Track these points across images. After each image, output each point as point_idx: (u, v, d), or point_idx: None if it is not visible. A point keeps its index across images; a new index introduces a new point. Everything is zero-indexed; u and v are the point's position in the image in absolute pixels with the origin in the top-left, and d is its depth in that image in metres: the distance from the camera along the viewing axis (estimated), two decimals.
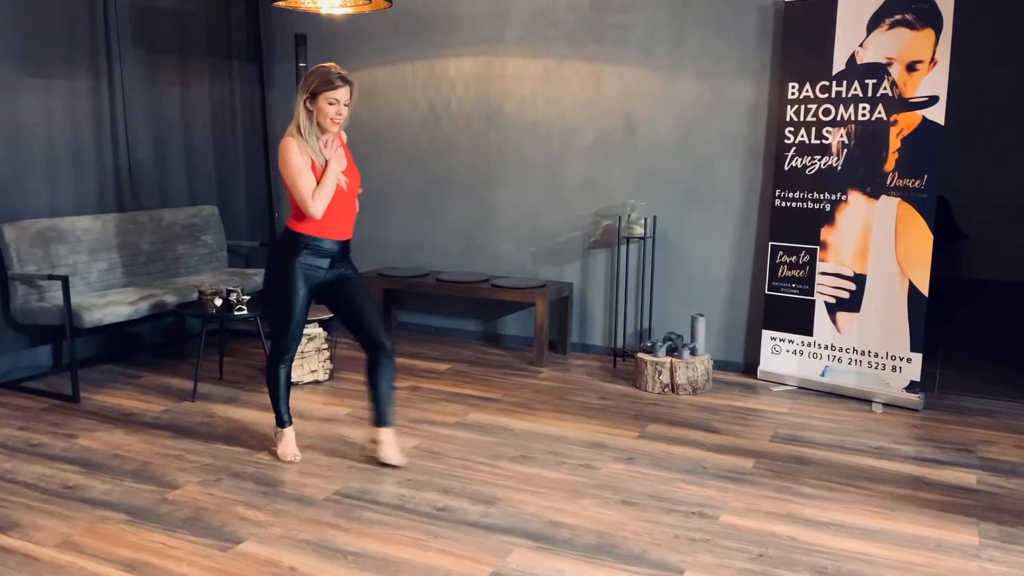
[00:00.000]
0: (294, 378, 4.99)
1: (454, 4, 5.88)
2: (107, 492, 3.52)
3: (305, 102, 3.49)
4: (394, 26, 6.11)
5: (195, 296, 5.09)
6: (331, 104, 3.47)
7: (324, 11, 5.03)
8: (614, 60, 5.44)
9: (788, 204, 4.95)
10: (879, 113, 4.60)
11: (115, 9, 5.47)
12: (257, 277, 5.84)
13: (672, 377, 4.84)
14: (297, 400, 4.73)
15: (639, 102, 5.40)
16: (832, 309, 4.84)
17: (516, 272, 5.86)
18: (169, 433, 4.22)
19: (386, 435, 3.81)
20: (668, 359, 4.87)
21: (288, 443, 3.90)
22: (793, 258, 4.96)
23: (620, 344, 5.55)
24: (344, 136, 3.78)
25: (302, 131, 3.52)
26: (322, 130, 3.54)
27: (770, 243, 5.04)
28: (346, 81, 3.48)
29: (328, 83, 3.45)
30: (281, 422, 3.90)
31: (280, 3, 4.65)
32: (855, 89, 4.66)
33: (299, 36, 5.88)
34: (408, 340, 6.13)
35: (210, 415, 4.49)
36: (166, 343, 5.94)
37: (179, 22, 5.95)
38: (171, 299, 5.11)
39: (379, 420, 3.80)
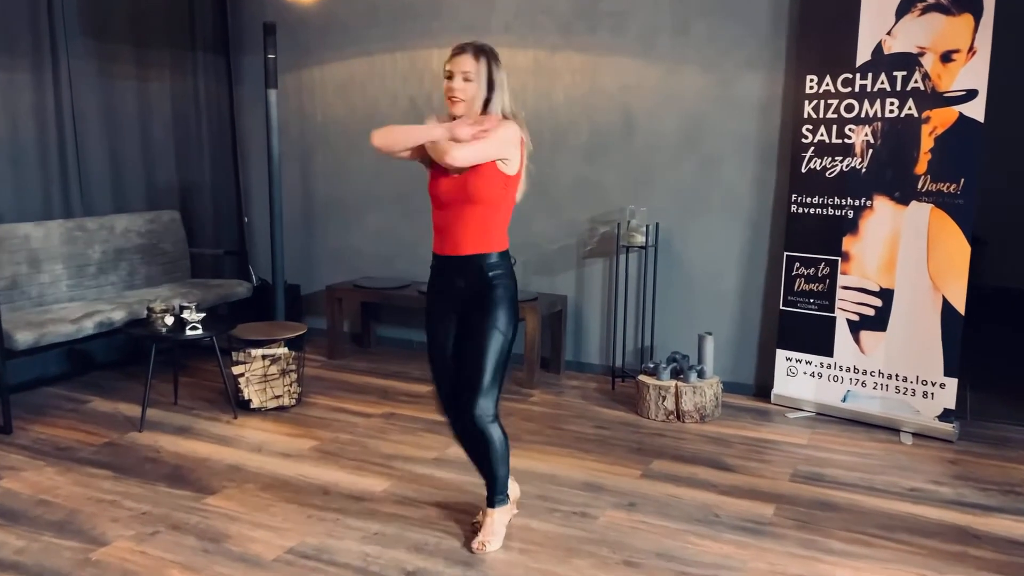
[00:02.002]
0: (255, 404, 4.49)
1: None
2: (21, 551, 3.00)
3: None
4: (371, 14, 5.60)
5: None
6: (446, 77, 2.87)
7: None
8: (611, 50, 4.94)
9: (805, 210, 4.46)
10: (909, 109, 4.10)
11: None
12: (220, 289, 5.32)
13: (677, 403, 4.34)
14: (257, 430, 4.23)
15: (638, 97, 4.90)
16: (855, 327, 4.35)
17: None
18: (107, 472, 3.70)
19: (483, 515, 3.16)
20: (673, 383, 4.37)
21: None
22: (811, 270, 4.46)
23: (619, 363, 5.05)
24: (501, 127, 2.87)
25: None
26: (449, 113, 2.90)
27: (785, 253, 4.54)
28: (462, 49, 2.85)
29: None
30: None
31: None
32: (882, 82, 4.16)
33: (268, 25, 5.38)
34: (388, 357, 5.62)
35: (157, 449, 3.97)
36: (122, 361, 5.42)
37: (135, 9, 5.42)
38: (119, 316, 4.59)
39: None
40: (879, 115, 4.19)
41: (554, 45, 5.09)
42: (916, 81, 4.07)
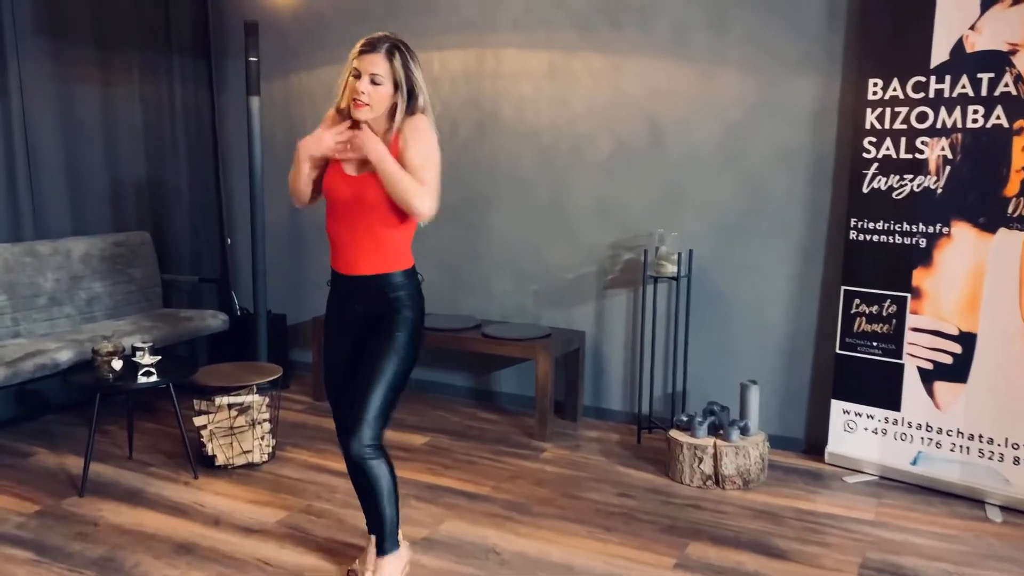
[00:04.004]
0: (220, 460, 3.84)
1: None
2: None
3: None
4: (363, 11, 4.97)
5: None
6: (353, 75, 2.55)
7: None
8: (637, 50, 4.28)
9: (868, 237, 3.78)
10: (997, 118, 3.42)
11: None
12: (191, 322, 4.69)
13: (716, 466, 3.66)
14: (218, 495, 3.58)
15: (668, 104, 4.24)
16: (928, 377, 3.66)
17: (514, 316, 4.68)
18: (27, 554, 3.06)
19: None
20: (711, 441, 3.69)
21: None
22: (874, 308, 3.78)
23: (645, 410, 4.36)
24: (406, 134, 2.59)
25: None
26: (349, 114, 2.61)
27: (843, 288, 3.86)
28: (372, 46, 2.51)
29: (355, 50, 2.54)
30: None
31: None
32: (963, 86, 3.48)
33: (249, 24, 4.78)
34: None
35: (95, 521, 3.33)
36: (82, 401, 4.77)
37: (98, 6, 4.81)
38: (66, 356, 3.97)
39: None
40: (959, 125, 3.51)
41: (571, 45, 4.43)
42: (1007, 85, 3.39)
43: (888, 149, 3.70)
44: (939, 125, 3.56)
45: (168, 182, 5.30)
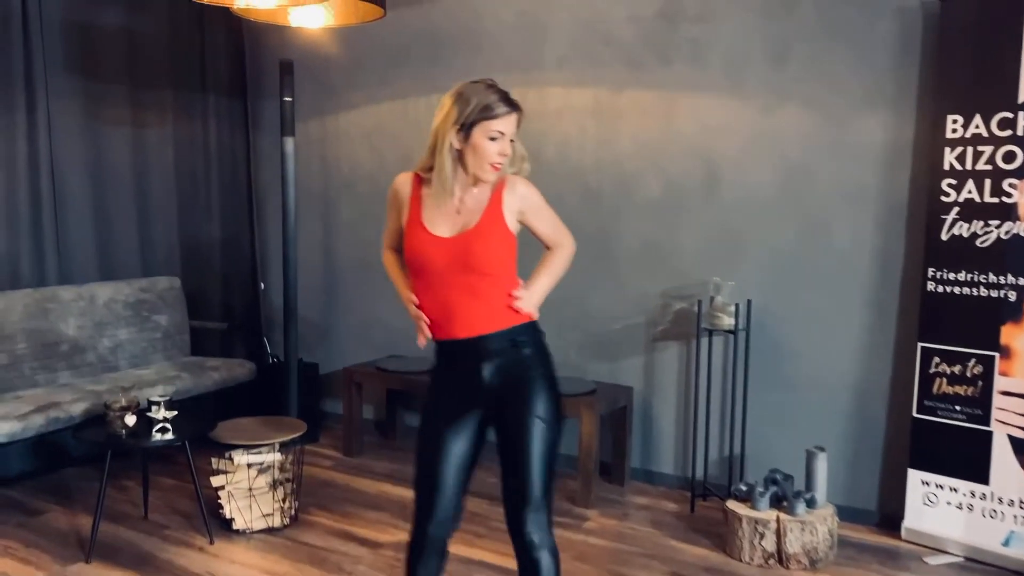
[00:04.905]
0: (238, 524, 3.57)
1: (477, 18, 4.53)
2: None
3: (455, 135, 2.24)
4: (403, 50, 4.77)
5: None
6: (490, 139, 2.23)
7: (294, 23, 3.70)
8: (689, 86, 3.99)
9: (948, 289, 3.41)
10: None
11: (40, 24, 4.24)
12: (217, 372, 4.47)
13: (780, 543, 3.28)
14: (234, 563, 3.31)
15: (724, 142, 3.94)
16: (1021, 446, 3.25)
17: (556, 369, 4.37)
18: None
19: None
20: (773, 514, 3.32)
21: None
22: (957, 368, 3.39)
23: (700, 475, 4.00)
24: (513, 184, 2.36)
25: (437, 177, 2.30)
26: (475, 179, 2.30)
27: (920, 345, 3.49)
28: (514, 105, 2.27)
29: (488, 109, 2.22)
30: None
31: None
32: None
33: (284, 63, 4.62)
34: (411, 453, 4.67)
35: None
36: (103, 454, 4.56)
37: (131, 45, 4.69)
38: (80, 408, 3.76)
39: None
40: None
41: (619, 81, 4.17)
42: None
43: (970, 192, 3.34)
44: None
45: (200, 225, 5.13)
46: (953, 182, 3.38)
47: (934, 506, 3.47)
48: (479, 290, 2.26)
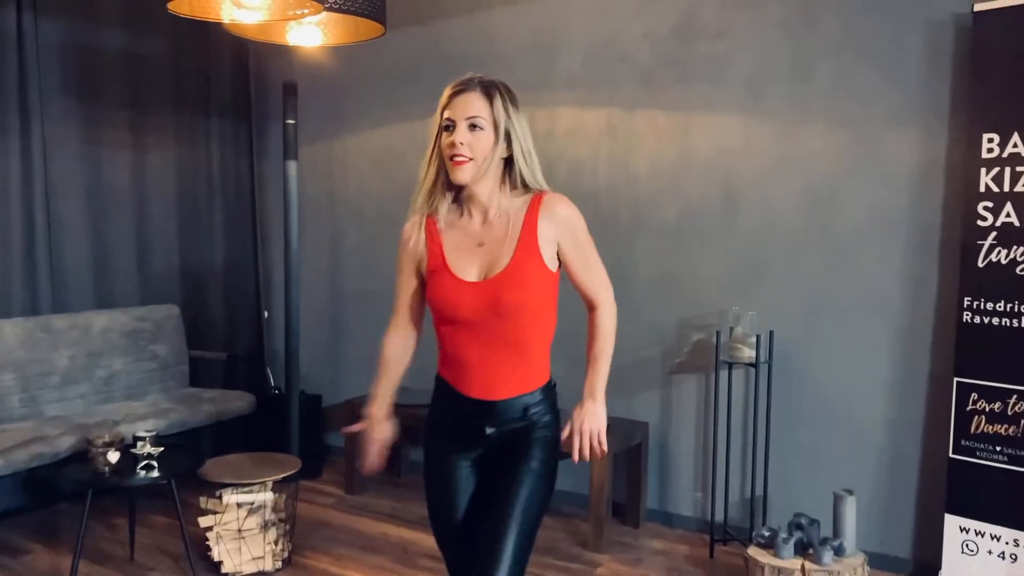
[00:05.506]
0: (227, 567, 3.37)
1: (488, 40, 4.38)
2: None
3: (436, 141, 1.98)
4: (412, 70, 4.62)
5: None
6: (443, 128, 1.96)
7: (292, 42, 3.54)
8: (707, 105, 3.80)
9: (986, 320, 3.16)
10: None
11: (36, 46, 4.13)
12: (213, 405, 4.29)
13: None
14: None
15: (744, 164, 3.73)
16: None
17: (566, 403, 4.14)
18: None
19: None
20: (799, 562, 3.07)
21: None
22: (996, 405, 3.14)
23: (719, 518, 3.75)
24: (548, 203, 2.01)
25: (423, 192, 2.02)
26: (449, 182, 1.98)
27: (956, 380, 3.23)
28: (464, 86, 1.96)
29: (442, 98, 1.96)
30: None
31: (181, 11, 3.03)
32: None
33: (287, 85, 4.50)
34: (418, 492, 4.41)
35: None
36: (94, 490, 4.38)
37: (132, 66, 4.58)
38: (67, 443, 3.59)
39: None
40: None
41: (633, 100, 3.99)
42: None
43: (1009, 216, 3.11)
44: None
45: (202, 251, 4.99)
46: (990, 205, 3.15)
47: (974, 555, 3.20)
48: (508, 340, 1.98)
